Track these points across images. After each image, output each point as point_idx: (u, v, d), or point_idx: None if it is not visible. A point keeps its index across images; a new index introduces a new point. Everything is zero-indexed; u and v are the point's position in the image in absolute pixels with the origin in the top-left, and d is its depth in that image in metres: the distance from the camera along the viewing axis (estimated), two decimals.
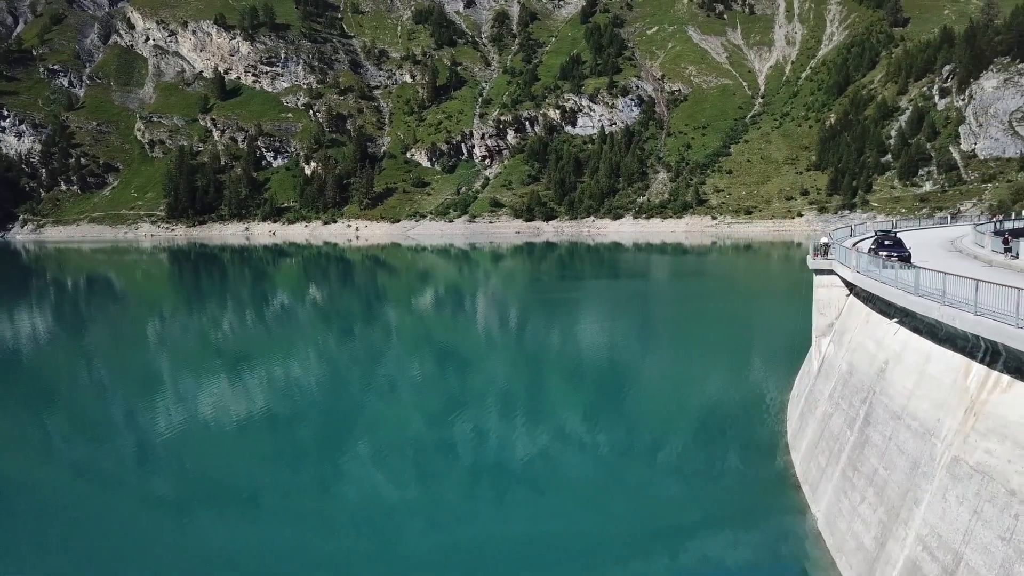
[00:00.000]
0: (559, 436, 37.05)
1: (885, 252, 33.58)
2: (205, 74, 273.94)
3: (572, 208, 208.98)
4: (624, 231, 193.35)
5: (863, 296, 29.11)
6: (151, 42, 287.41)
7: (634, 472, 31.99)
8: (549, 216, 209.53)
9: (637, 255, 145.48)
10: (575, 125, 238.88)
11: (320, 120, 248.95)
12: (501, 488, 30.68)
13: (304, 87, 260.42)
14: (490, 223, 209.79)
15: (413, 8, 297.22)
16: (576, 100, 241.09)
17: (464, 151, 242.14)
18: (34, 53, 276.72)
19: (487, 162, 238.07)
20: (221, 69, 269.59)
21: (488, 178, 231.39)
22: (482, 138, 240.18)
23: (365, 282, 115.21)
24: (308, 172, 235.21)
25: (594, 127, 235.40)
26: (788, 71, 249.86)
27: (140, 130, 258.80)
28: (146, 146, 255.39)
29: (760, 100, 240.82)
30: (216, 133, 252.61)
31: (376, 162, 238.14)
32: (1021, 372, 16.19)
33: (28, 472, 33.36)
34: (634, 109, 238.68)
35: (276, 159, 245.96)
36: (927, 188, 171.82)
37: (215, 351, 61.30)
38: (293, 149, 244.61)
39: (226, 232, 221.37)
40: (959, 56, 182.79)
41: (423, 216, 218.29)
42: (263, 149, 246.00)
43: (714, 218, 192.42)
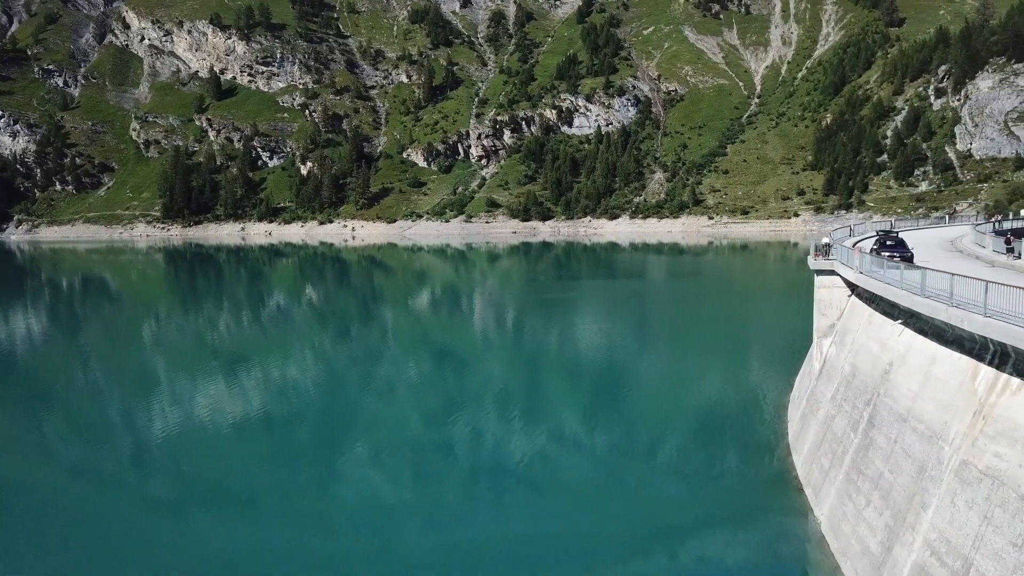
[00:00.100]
0: (559, 437, 36.83)
1: (887, 253, 33.41)
2: (201, 74, 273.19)
3: (568, 208, 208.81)
4: (620, 231, 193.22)
5: (865, 297, 28.92)
6: (146, 42, 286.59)
7: (633, 473, 31.79)
8: (545, 216, 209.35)
9: (634, 255, 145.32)
10: (571, 125, 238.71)
11: (316, 120, 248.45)
12: (500, 488, 30.47)
13: (300, 87, 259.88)
14: (486, 223, 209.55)
15: (409, 8, 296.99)
16: (572, 100, 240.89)
17: (460, 151, 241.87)
18: (29, 53, 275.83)
19: (483, 162, 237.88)
20: (217, 69, 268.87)
21: (484, 178, 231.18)
22: (478, 138, 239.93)
23: (362, 282, 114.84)
24: (304, 172, 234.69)
25: (590, 127, 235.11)
26: (784, 71, 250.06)
27: (135, 130, 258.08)
28: (141, 146, 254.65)
29: (756, 100, 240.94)
30: (212, 133, 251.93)
31: (372, 162, 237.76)
32: None
33: (27, 473, 33.12)
34: (630, 109, 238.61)
35: (272, 159, 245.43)
36: (923, 188, 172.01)
37: (212, 352, 60.93)
38: (289, 149, 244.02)
39: (222, 232, 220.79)
40: (955, 56, 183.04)
41: (419, 216, 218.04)
42: (259, 149, 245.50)
43: (710, 218, 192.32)
